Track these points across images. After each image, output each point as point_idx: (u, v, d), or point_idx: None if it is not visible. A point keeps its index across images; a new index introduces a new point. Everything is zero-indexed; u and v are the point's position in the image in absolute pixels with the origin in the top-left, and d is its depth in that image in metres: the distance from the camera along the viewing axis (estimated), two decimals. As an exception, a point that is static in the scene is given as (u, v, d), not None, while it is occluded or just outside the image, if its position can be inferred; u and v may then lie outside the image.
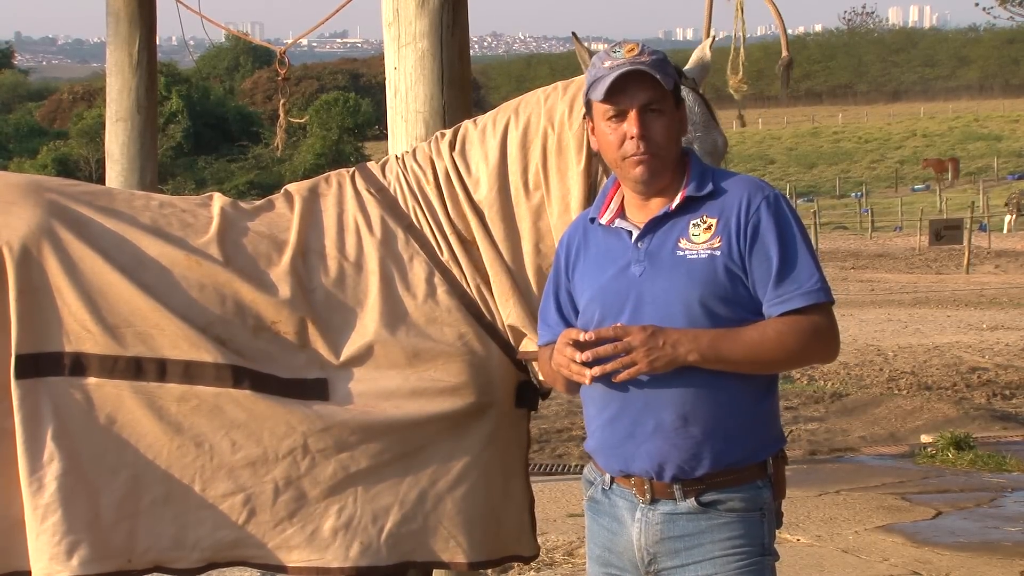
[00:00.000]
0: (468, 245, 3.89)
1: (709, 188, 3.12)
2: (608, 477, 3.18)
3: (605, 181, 3.60)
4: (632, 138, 3.08)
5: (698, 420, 3.03)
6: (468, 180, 3.93)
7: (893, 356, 15.63)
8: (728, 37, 5.44)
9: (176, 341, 3.67)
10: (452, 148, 3.98)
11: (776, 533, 3.20)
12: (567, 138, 3.83)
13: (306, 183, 4.06)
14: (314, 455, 3.70)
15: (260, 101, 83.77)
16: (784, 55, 4.82)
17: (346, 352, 3.75)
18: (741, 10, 5.10)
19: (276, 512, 3.72)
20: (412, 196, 3.93)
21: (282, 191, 4.05)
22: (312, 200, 3.95)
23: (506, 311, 3.83)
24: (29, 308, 3.64)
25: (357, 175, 4.02)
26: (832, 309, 3.11)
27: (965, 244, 30.94)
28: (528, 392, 3.88)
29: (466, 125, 4.04)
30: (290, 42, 8.93)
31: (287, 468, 3.70)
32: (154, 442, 3.67)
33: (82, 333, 3.66)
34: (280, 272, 3.79)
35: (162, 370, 3.67)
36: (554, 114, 3.87)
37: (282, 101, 8.68)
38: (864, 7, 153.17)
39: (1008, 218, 46.06)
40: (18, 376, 3.61)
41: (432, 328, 3.79)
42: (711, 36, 3.58)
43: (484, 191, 3.91)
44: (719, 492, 3.07)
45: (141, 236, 3.77)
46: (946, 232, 31.72)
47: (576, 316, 3.21)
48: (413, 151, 4.08)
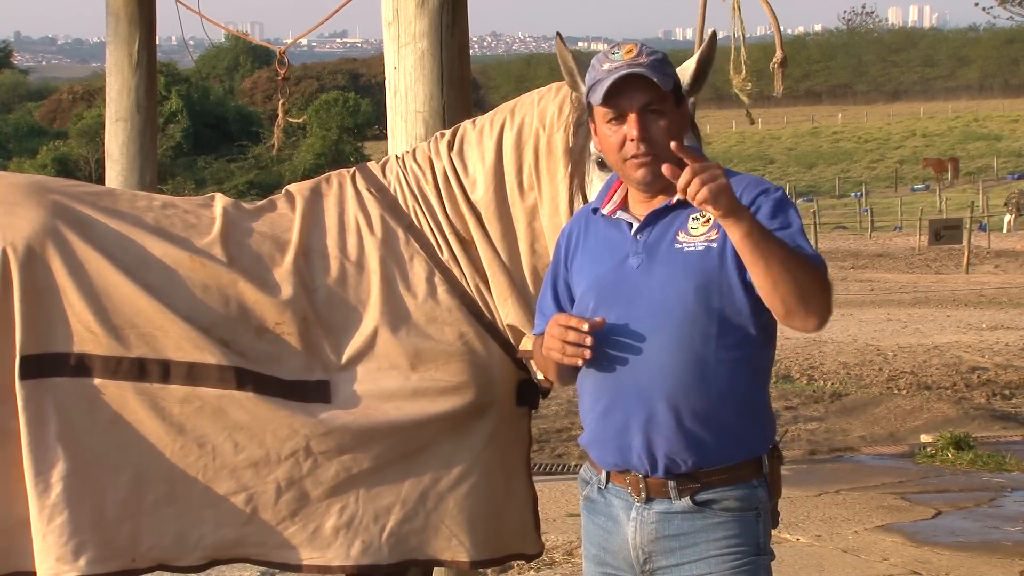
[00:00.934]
0: (467, 245, 3.90)
1: None
2: (604, 476, 3.18)
3: (592, 185, 3.62)
4: (632, 140, 3.09)
5: (690, 412, 3.03)
6: (465, 180, 3.94)
7: (893, 356, 15.63)
8: (727, 37, 5.44)
9: (180, 343, 3.68)
10: (450, 148, 3.99)
11: (772, 532, 3.20)
12: (556, 140, 3.84)
13: (307, 183, 4.07)
14: (316, 456, 3.71)
15: (260, 101, 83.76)
16: (778, 55, 4.83)
17: (348, 352, 3.76)
18: (738, 9, 5.11)
19: (278, 511, 3.73)
20: (412, 196, 3.95)
21: (283, 191, 4.06)
22: (313, 200, 3.96)
23: (504, 310, 3.84)
24: (33, 309, 3.65)
25: (358, 175, 4.03)
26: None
27: (965, 244, 30.92)
28: (529, 391, 3.89)
29: (464, 126, 4.05)
30: (290, 42, 8.93)
31: (289, 469, 3.71)
32: (157, 442, 3.69)
33: (86, 334, 3.67)
34: (283, 272, 3.81)
35: (166, 372, 3.68)
36: (545, 115, 3.88)
37: (281, 101, 8.68)
38: (864, 7, 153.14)
39: (1008, 218, 46.05)
40: (23, 377, 3.62)
41: (433, 328, 3.80)
42: (701, 47, 3.58)
43: (481, 191, 3.92)
44: (714, 491, 3.07)
45: (145, 237, 3.79)
46: (946, 232, 31.71)
47: (572, 306, 3.22)
48: (413, 151, 4.09)
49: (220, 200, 3.98)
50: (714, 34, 3.66)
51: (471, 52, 4.98)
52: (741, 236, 2.91)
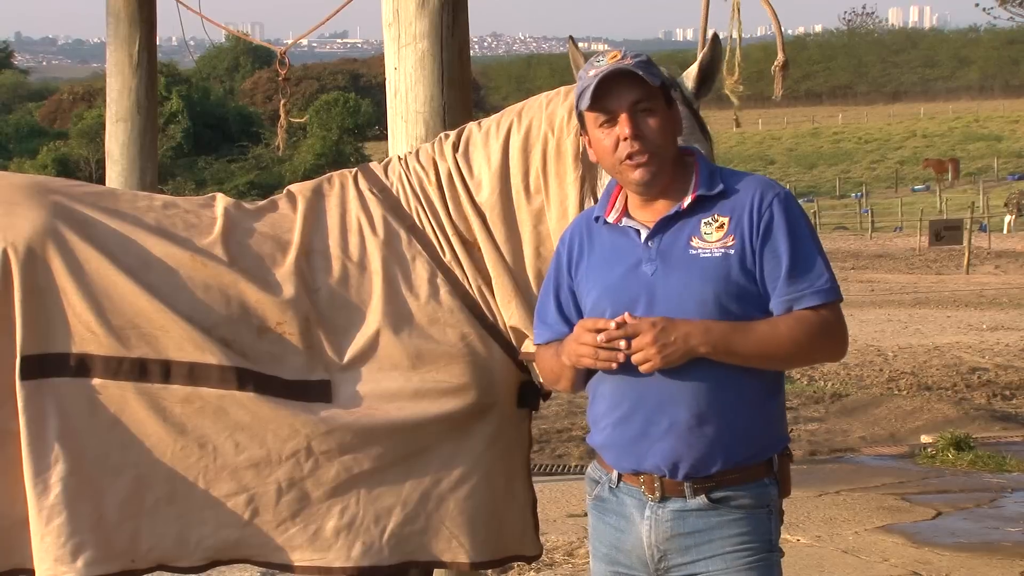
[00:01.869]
0: (470, 246, 3.90)
1: (720, 187, 3.13)
2: (615, 475, 3.19)
3: (602, 191, 3.61)
4: (625, 139, 3.09)
5: (711, 419, 3.05)
6: (470, 182, 3.94)
7: (893, 356, 15.65)
8: (726, 38, 5.44)
9: (181, 343, 3.68)
10: (455, 150, 3.98)
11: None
12: (566, 144, 3.84)
13: (309, 183, 4.06)
14: (317, 457, 3.70)
15: (260, 101, 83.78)
16: (780, 58, 4.83)
17: (350, 353, 3.76)
18: (738, 10, 5.10)
19: (279, 512, 3.72)
20: (415, 197, 3.94)
21: (285, 191, 4.06)
22: (315, 200, 3.95)
23: (508, 313, 3.84)
24: (34, 309, 3.65)
25: (360, 175, 4.02)
26: (840, 307, 3.13)
27: (965, 244, 30.94)
28: (530, 393, 3.89)
29: (470, 127, 4.05)
30: (290, 42, 8.93)
31: (290, 469, 3.71)
32: (158, 443, 3.68)
33: (87, 334, 3.67)
34: (284, 272, 3.80)
35: (166, 372, 3.68)
36: (554, 119, 3.87)
37: (282, 101, 8.69)
38: (864, 7, 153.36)
39: (1008, 218, 46.04)
40: (23, 377, 3.61)
41: (434, 329, 3.79)
42: (706, 47, 3.58)
43: (486, 193, 3.92)
44: (728, 489, 3.10)
45: (146, 237, 3.78)
46: (946, 232, 31.73)
47: (577, 315, 3.22)
48: (416, 152, 4.08)
49: (221, 200, 3.97)
50: (716, 36, 3.66)
51: (471, 52, 4.98)
52: (709, 355, 3.01)
